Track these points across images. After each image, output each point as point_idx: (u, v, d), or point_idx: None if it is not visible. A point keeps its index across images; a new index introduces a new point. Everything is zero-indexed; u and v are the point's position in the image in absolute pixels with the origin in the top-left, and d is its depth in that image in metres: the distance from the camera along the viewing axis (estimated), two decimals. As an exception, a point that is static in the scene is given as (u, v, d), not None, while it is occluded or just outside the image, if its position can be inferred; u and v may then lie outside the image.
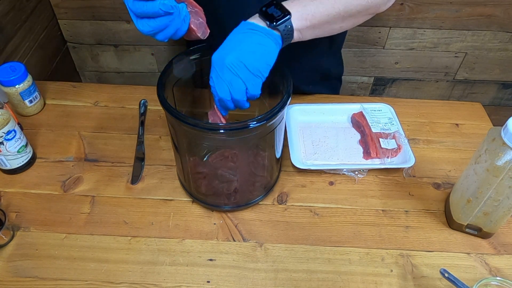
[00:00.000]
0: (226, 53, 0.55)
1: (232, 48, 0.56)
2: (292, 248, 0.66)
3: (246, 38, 0.56)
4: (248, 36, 0.56)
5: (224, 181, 0.67)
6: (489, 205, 0.61)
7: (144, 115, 0.85)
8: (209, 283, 0.61)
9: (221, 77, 0.55)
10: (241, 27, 0.58)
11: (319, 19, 0.61)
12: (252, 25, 0.57)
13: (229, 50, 0.55)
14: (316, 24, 0.62)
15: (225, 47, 0.56)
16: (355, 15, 0.66)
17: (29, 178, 0.75)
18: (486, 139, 0.58)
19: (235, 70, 0.54)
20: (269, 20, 0.57)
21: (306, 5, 0.60)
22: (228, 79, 0.55)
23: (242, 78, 0.55)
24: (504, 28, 1.29)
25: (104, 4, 1.26)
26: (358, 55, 1.38)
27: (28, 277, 0.61)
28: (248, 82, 0.55)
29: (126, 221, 0.68)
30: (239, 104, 0.57)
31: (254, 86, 0.56)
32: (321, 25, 0.63)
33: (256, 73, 0.55)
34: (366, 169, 0.76)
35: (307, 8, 0.60)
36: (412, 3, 1.23)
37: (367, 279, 0.62)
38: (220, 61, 0.55)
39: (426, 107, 0.90)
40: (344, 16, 0.64)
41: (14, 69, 0.80)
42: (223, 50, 0.56)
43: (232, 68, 0.54)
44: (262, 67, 0.56)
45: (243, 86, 0.55)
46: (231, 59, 0.54)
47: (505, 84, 1.45)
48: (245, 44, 0.56)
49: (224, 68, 0.55)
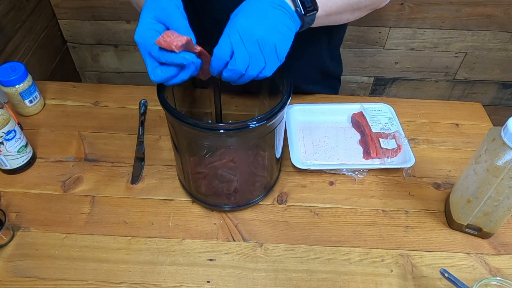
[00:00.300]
0: (257, 25, 0.50)
1: (264, 22, 0.51)
2: (292, 248, 0.66)
3: (277, 16, 0.52)
4: (280, 15, 0.52)
5: (224, 181, 0.67)
6: (489, 205, 0.61)
7: (144, 115, 0.86)
8: (209, 283, 0.61)
9: (246, 49, 0.50)
10: (271, 1, 0.52)
11: (334, 10, 0.60)
12: (284, 3, 0.53)
13: (260, 23, 0.51)
14: (329, 14, 0.61)
15: (254, 16, 0.51)
16: (362, 9, 0.67)
17: (29, 178, 0.75)
18: (486, 139, 0.58)
19: (263, 47, 0.50)
20: (302, 7, 0.54)
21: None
22: (253, 53, 0.50)
23: (265, 57, 0.51)
24: (504, 28, 1.29)
25: (104, 4, 1.27)
26: (358, 55, 1.38)
27: (28, 277, 0.61)
28: (269, 63, 0.52)
29: (126, 221, 0.68)
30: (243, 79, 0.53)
31: (272, 69, 0.53)
32: (332, 15, 0.62)
33: (280, 57, 0.52)
34: (366, 169, 0.76)
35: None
36: (412, 3, 1.23)
37: (367, 279, 0.62)
38: (250, 31, 0.50)
39: (426, 107, 0.90)
40: (354, 9, 0.64)
41: (14, 69, 0.80)
42: (252, 19, 0.51)
43: (262, 44, 0.50)
44: (285, 51, 0.53)
45: (262, 65, 0.52)
46: (263, 34, 0.50)
47: (505, 84, 1.45)
48: (276, 24, 0.52)
49: (252, 41, 0.50)
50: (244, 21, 0.51)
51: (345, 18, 0.67)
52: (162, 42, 0.49)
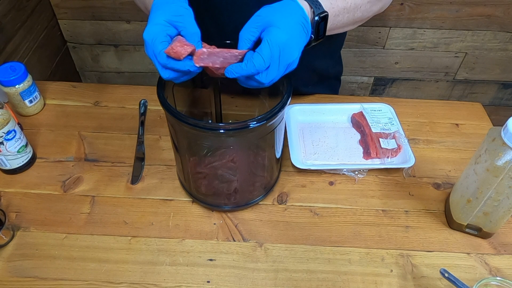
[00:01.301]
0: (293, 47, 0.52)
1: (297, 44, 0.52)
2: (292, 248, 0.66)
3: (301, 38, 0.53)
4: (303, 37, 0.54)
5: (224, 181, 0.67)
6: (489, 205, 0.61)
7: (144, 115, 0.86)
8: (209, 283, 0.61)
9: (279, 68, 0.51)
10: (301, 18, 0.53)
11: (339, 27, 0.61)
12: (308, 25, 0.54)
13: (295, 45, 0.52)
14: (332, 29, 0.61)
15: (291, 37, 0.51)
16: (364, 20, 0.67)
17: (29, 178, 0.75)
18: (486, 139, 0.58)
19: (287, 68, 0.52)
20: (315, 35, 0.55)
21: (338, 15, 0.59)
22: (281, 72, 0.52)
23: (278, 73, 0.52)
24: (504, 28, 1.29)
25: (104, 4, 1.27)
26: (358, 55, 1.38)
27: (28, 277, 0.61)
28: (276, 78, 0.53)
29: (126, 221, 0.68)
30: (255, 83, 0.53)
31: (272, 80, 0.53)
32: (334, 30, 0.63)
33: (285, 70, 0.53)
34: (366, 169, 0.76)
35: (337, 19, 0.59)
36: (412, 3, 1.23)
37: (367, 279, 0.62)
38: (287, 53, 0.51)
39: (426, 107, 0.90)
40: (356, 21, 0.65)
41: (14, 69, 0.80)
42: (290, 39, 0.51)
43: (288, 67, 0.52)
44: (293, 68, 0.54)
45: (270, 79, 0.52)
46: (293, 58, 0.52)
47: (505, 84, 1.45)
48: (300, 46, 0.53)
49: (286, 62, 0.52)
50: (286, 40, 0.51)
51: (345, 30, 0.67)
52: (172, 53, 0.50)
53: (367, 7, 0.63)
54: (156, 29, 0.51)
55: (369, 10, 0.64)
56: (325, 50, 0.87)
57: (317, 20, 0.56)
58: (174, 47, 0.50)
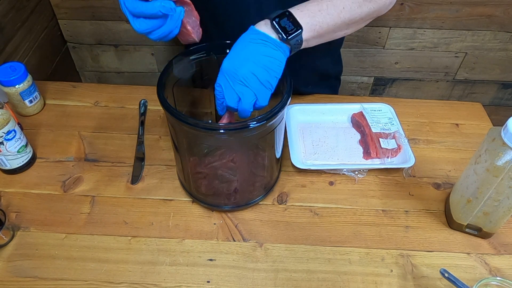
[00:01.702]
0: (238, 64, 0.55)
1: (245, 60, 0.55)
2: (292, 248, 0.66)
3: (258, 50, 0.56)
4: (261, 48, 0.56)
5: (224, 181, 0.67)
6: (489, 205, 0.61)
7: (144, 115, 0.86)
8: (209, 283, 0.61)
9: (233, 88, 0.55)
10: (252, 36, 0.57)
11: (326, 29, 0.62)
12: (264, 36, 0.57)
13: (241, 62, 0.55)
14: (322, 34, 0.62)
15: (237, 57, 0.56)
16: (358, 22, 0.67)
17: (29, 178, 0.75)
18: (486, 139, 0.58)
19: (247, 83, 0.54)
20: (282, 33, 0.57)
21: (315, 16, 0.60)
22: (240, 91, 0.55)
23: (253, 90, 0.55)
24: (504, 28, 1.29)
25: (104, 4, 1.26)
26: (358, 55, 1.38)
27: (28, 277, 0.61)
28: (259, 94, 0.56)
29: (126, 221, 0.68)
30: (244, 113, 0.57)
31: (264, 98, 0.56)
32: (326, 34, 0.63)
33: (267, 85, 0.56)
34: (366, 169, 0.76)
35: (316, 19, 0.60)
36: (412, 3, 1.23)
37: (367, 279, 0.62)
38: (233, 72, 0.55)
39: (426, 107, 0.90)
40: (348, 24, 0.65)
41: (14, 69, 0.80)
42: (235, 61, 0.55)
43: (245, 81, 0.54)
44: (273, 80, 0.56)
45: (253, 97, 0.55)
46: (245, 72, 0.54)
47: (505, 84, 1.45)
48: (258, 57, 0.55)
49: (236, 80, 0.55)
50: (227, 64, 0.56)
51: (341, 34, 0.67)
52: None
53: (353, 7, 0.63)
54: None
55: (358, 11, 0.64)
56: (325, 49, 0.87)
57: (276, 21, 0.57)
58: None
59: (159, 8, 0.50)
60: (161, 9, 0.50)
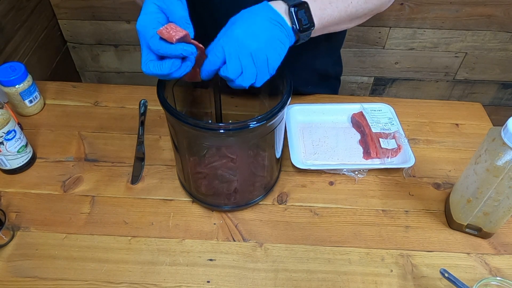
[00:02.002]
0: (254, 40, 0.52)
1: (261, 38, 0.53)
2: (292, 248, 0.66)
3: (275, 33, 0.54)
4: (277, 32, 0.54)
5: (224, 181, 0.67)
6: (489, 205, 0.61)
7: (144, 115, 0.86)
8: (209, 283, 0.61)
9: (239, 60, 0.52)
10: (271, 15, 0.54)
11: (332, 22, 0.61)
12: (283, 20, 0.55)
13: (257, 39, 0.53)
14: (327, 26, 0.62)
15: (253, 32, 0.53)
16: (361, 17, 0.67)
17: (29, 178, 0.75)
18: (486, 139, 0.58)
19: (257, 61, 0.52)
20: (298, 24, 0.56)
21: (325, 9, 0.59)
22: (246, 65, 0.52)
23: (258, 70, 0.53)
24: (504, 28, 1.29)
25: (104, 4, 1.27)
26: (358, 55, 1.38)
27: (28, 277, 0.61)
28: (260, 76, 0.54)
29: (126, 221, 0.68)
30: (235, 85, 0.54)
31: (262, 80, 0.55)
32: (330, 27, 0.63)
33: (271, 71, 0.54)
34: (366, 169, 0.76)
35: (325, 12, 0.59)
36: (412, 3, 1.23)
37: (367, 279, 0.62)
38: (246, 45, 0.52)
39: (426, 107, 0.90)
40: (352, 18, 0.65)
41: (14, 69, 0.80)
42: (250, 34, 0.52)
43: (256, 59, 0.52)
44: (277, 65, 0.55)
45: (254, 77, 0.54)
46: (258, 50, 0.52)
47: (505, 84, 1.45)
48: (273, 41, 0.54)
49: (247, 53, 0.52)
50: (241, 32, 0.53)
51: (343, 27, 0.67)
52: (165, 33, 0.49)
53: (360, 3, 0.63)
54: (147, 18, 0.51)
55: (363, 7, 0.64)
56: (325, 49, 0.87)
57: (294, 10, 0.56)
58: (167, 27, 0.49)
59: (180, 51, 0.51)
60: (183, 52, 0.51)
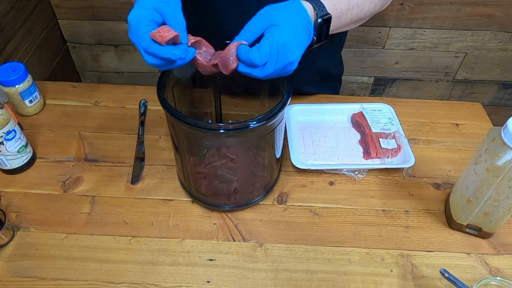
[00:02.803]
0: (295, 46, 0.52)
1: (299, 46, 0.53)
2: (292, 248, 0.66)
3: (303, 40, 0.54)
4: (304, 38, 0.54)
5: (224, 181, 0.67)
6: (489, 205, 0.61)
7: (144, 115, 0.86)
8: (209, 283, 0.61)
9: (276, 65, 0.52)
10: (305, 22, 0.54)
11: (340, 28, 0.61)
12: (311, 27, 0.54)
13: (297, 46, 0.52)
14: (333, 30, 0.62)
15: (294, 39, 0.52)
16: (365, 19, 0.67)
17: (29, 178, 0.75)
18: (486, 139, 0.58)
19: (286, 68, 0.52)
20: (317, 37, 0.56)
21: (340, 17, 0.59)
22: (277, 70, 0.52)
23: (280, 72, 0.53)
24: (504, 28, 1.29)
25: (104, 4, 1.27)
26: (358, 55, 1.38)
27: (28, 277, 0.61)
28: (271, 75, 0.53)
29: (126, 221, 0.68)
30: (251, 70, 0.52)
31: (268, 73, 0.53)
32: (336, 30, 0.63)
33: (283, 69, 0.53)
34: (366, 169, 0.76)
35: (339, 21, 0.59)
36: (412, 3, 1.23)
37: (367, 279, 0.62)
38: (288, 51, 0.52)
39: (426, 107, 0.90)
40: (356, 21, 0.65)
41: (14, 69, 0.80)
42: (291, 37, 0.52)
43: (287, 65, 0.52)
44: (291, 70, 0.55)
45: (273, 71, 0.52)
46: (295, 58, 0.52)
47: (505, 84, 1.45)
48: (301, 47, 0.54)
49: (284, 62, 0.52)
50: (287, 39, 0.51)
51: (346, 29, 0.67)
52: (158, 37, 0.49)
53: (370, 7, 0.63)
54: (142, 12, 0.51)
55: (372, 11, 0.65)
56: (327, 50, 0.87)
57: (320, 22, 0.56)
58: (160, 30, 0.49)
59: (169, 54, 0.51)
60: (172, 56, 0.51)
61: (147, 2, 0.52)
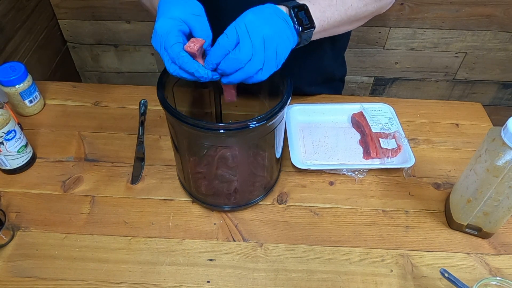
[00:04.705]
0: (264, 22, 0.51)
1: (270, 23, 0.51)
2: (292, 248, 0.66)
3: (281, 24, 0.53)
4: (283, 24, 0.53)
5: (224, 181, 0.67)
6: (489, 205, 0.61)
7: (144, 115, 0.86)
8: (209, 283, 0.61)
9: (251, 41, 0.50)
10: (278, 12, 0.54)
11: (332, 25, 0.61)
12: (286, 16, 0.54)
13: (267, 23, 0.51)
14: (327, 29, 0.62)
15: (262, 16, 0.52)
16: (361, 20, 0.67)
17: (29, 178, 0.75)
18: (486, 139, 0.58)
19: (266, 46, 0.51)
20: (299, 24, 0.55)
21: (325, 11, 0.59)
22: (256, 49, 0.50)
23: (266, 58, 0.51)
24: (504, 28, 1.29)
25: (104, 4, 1.27)
26: (358, 55, 1.38)
27: (28, 277, 0.61)
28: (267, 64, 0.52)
29: (126, 221, 0.68)
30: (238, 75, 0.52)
31: (268, 72, 0.53)
32: (330, 29, 0.63)
33: (278, 62, 0.53)
34: (366, 169, 0.76)
35: (325, 14, 0.59)
36: (412, 3, 1.23)
37: (367, 279, 0.62)
38: (257, 26, 0.50)
39: (426, 107, 0.90)
40: (352, 21, 0.65)
41: (14, 69, 0.80)
42: (259, 16, 0.51)
43: (266, 42, 0.50)
44: (283, 59, 0.54)
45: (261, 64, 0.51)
46: (268, 33, 0.51)
47: (505, 84, 1.45)
48: (280, 30, 0.53)
49: (259, 35, 0.50)
50: (253, 17, 0.52)
51: (343, 30, 0.67)
52: (189, 49, 0.51)
53: (360, 5, 0.63)
54: (171, 23, 0.52)
55: (363, 10, 0.65)
56: (330, 51, 0.87)
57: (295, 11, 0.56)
58: (190, 43, 0.51)
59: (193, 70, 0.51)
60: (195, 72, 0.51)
61: (177, 13, 0.52)
